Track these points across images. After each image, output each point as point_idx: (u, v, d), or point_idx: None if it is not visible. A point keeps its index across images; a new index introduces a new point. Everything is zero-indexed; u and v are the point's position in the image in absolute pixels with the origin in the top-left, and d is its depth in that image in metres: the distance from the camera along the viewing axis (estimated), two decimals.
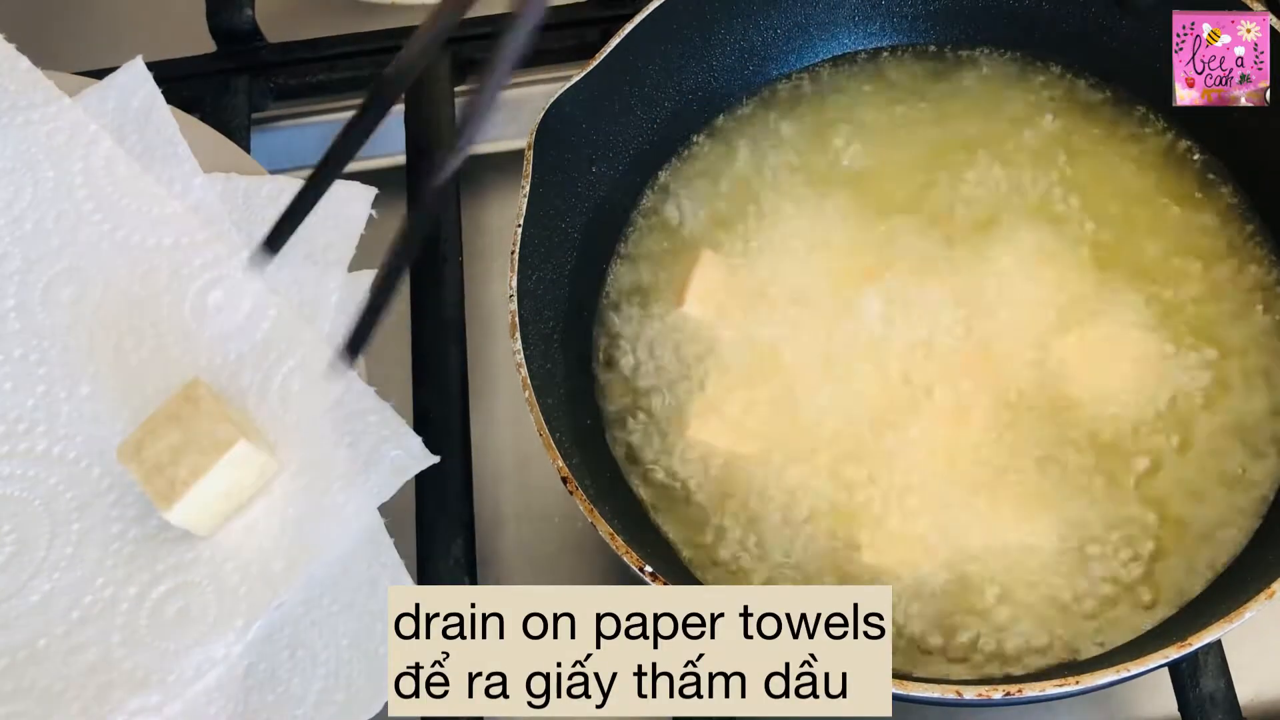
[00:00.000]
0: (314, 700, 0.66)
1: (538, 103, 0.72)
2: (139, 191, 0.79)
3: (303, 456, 0.72)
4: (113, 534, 0.72)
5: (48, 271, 0.79)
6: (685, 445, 0.71)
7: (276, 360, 0.74)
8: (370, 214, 0.78)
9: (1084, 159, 0.77)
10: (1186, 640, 0.58)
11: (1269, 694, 0.71)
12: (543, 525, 0.79)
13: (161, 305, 0.77)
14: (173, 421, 0.69)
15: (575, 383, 0.72)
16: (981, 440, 0.69)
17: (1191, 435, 0.69)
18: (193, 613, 0.69)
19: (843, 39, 0.82)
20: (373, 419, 0.71)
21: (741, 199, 0.78)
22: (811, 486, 0.69)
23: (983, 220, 0.76)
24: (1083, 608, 0.65)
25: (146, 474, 0.69)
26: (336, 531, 0.69)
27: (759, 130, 0.81)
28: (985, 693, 0.57)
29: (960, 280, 0.74)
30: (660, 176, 0.80)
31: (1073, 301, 0.73)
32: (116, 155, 0.80)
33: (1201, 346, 0.71)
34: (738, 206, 0.78)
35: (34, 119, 0.81)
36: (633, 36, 0.75)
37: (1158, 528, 0.67)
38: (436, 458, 0.71)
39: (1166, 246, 0.74)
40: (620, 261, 0.78)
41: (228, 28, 0.92)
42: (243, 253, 0.77)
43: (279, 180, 0.79)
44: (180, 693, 0.67)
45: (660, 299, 0.75)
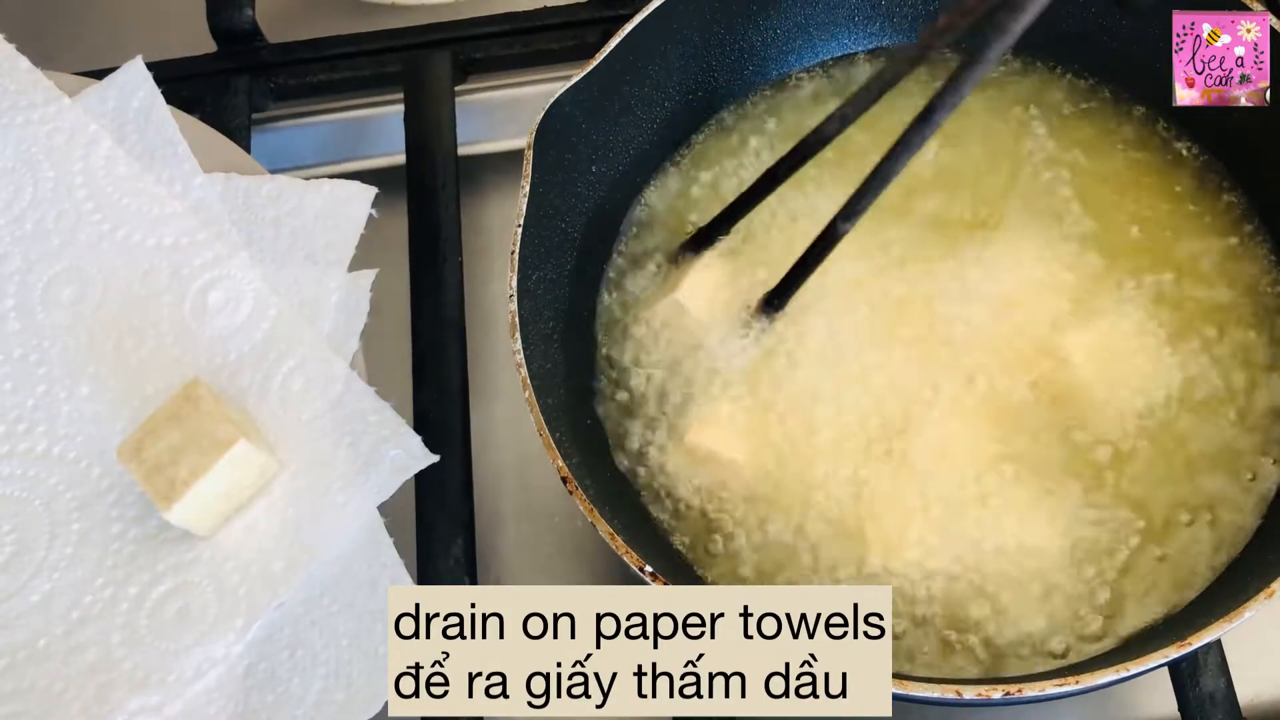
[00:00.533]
0: (314, 700, 0.66)
1: (538, 103, 0.72)
2: (139, 191, 0.79)
3: (303, 456, 0.72)
4: (113, 534, 0.72)
5: (48, 271, 0.79)
6: (686, 445, 0.71)
7: (276, 360, 0.74)
8: (370, 214, 0.78)
9: (1083, 159, 0.77)
10: (1186, 640, 0.58)
11: (1269, 694, 0.71)
12: (543, 525, 0.79)
13: (161, 305, 0.77)
14: (173, 421, 0.69)
15: (575, 383, 0.72)
16: (985, 442, 0.69)
17: (1191, 435, 0.69)
18: (193, 613, 0.69)
19: (843, 39, 0.82)
20: (373, 419, 0.71)
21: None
22: (812, 487, 0.69)
23: (983, 220, 0.76)
24: (1083, 607, 0.65)
25: (146, 474, 0.69)
26: (336, 531, 0.69)
27: (759, 131, 0.81)
28: (985, 693, 0.57)
29: (960, 281, 0.74)
30: (661, 176, 0.80)
31: (1073, 302, 0.73)
32: (116, 155, 0.80)
33: (1201, 346, 0.71)
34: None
35: (34, 119, 0.81)
36: (633, 36, 0.75)
37: (1158, 528, 0.67)
38: (436, 457, 0.71)
39: (1166, 246, 0.74)
40: (620, 261, 0.78)
41: (228, 28, 0.92)
42: (242, 253, 0.77)
43: (279, 180, 0.79)
44: (180, 693, 0.67)
45: (660, 299, 0.75)
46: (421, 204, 0.83)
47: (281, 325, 0.75)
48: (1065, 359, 0.71)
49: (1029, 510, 0.68)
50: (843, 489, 0.69)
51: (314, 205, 0.78)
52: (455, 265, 0.81)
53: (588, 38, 0.89)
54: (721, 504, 0.70)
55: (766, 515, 0.69)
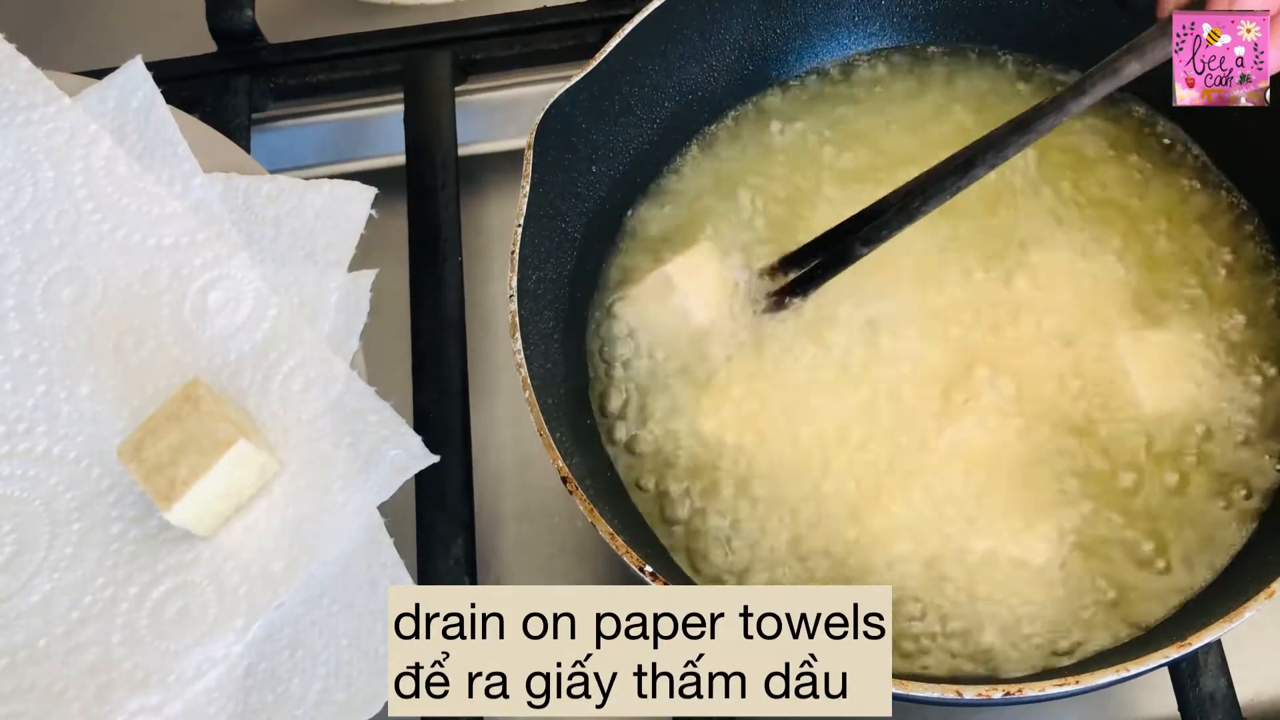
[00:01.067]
0: (314, 700, 0.66)
1: (538, 103, 0.72)
2: (139, 191, 0.79)
3: (303, 456, 0.72)
4: (113, 534, 0.72)
5: (48, 271, 0.79)
6: (686, 444, 0.71)
7: (276, 360, 0.74)
8: (370, 214, 0.78)
9: (1083, 159, 0.78)
10: (1186, 640, 0.58)
11: (1269, 694, 0.71)
12: (543, 525, 0.79)
13: (161, 305, 0.77)
14: (173, 421, 0.69)
15: (575, 383, 0.72)
16: (987, 444, 0.69)
17: (1192, 434, 0.69)
18: (193, 613, 0.69)
19: (842, 39, 0.82)
20: (373, 419, 0.71)
21: (742, 199, 0.78)
22: (813, 486, 0.69)
23: (982, 218, 0.76)
24: (1084, 604, 0.66)
25: (146, 474, 0.69)
26: (337, 531, 0.69)
27: (759, 130, 0.81)
28: (985, 692, 0.57)
29: (959, 282, 0.74)
30: (661, 176, 0.80)
31: (1072, 302, 0.73)
32: (116, 155, 0.80)
33: (1199, 346, 0.71)
34: (738, 207, 0.78)
35: (34, 119, 0.81)
36: (633, 36, 0.75)
37: (1159, 527, 0.67)
38: (436, 457, 0.71)
39: (1166, 246, 0.74)
40: (620, 261, 0.78)
41: (228, 28, 0.92)
42: (242, 253, 0.77)
43: (279, 180, 0.79)
44: (180, 693, 0.67)
45: (648, 274, 0.75)
46: (421, 204, 0.83)
47: (281, 325, 0.75)
48: (1071, 364, 0.71)
49: (1031, 513, 0.68)
50: (848, 486, 0.69)
51: (314, 205, 0.78)
52: (455, 265, 0.81)
53: (588, 38, 0.89)
54: (721, 502, 0.70)
55: (766, 513, 0.69)
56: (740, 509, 0.69)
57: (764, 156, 0.80)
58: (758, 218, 0.78)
